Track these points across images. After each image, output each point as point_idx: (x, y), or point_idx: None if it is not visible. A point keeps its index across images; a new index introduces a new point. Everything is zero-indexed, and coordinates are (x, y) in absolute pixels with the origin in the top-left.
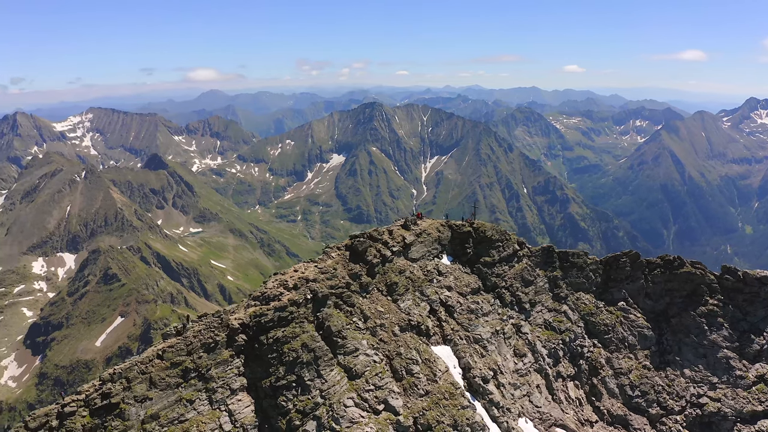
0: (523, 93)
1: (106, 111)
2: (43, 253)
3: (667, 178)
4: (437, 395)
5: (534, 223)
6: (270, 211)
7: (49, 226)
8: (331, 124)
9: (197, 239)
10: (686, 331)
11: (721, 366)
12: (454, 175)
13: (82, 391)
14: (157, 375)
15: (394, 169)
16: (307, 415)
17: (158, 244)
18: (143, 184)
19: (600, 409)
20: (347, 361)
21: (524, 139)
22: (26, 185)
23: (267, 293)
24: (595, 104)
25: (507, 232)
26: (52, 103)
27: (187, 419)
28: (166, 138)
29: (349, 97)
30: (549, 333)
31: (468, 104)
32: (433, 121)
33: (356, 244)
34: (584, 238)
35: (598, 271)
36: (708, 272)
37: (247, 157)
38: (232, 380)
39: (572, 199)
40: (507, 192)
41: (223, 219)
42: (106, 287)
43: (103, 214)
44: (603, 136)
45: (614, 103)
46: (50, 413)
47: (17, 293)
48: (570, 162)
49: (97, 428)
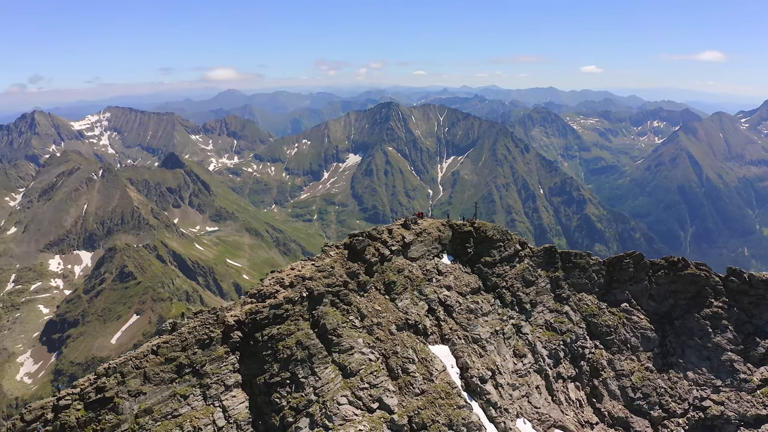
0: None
1: (123, 110)
2: (60, 251)
3: (684, 180)
4: (433, 394)
5: (550, 224)
6: (286, 210)
7: (66, 224)
8: (347, 123)
9: (213, 238)
10: (690, 333)
11: (725, 369)
12: (471, 175)
13: (77, 385)
14: (152, 370)
15: (410, 169)
16: (300, 412)
17: (174, 243)
18: (160, 183)
19: (601, 411)
20: (342, 359)
21: (541, 140)
22: (44, 183)
23: (263, 291)
24: (613, 105)
25: (508, 232)
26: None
27: (180, 414)
28: (183, 137)
29: (366, 97)
30: (550, 334)
31: (485, 104)
32: (450, 121)
33: (355, 243)
34: (601, 240)
35: (601, 272)
36: (713, 274)
37: (263, 157)
38: (227, 376)
39: (589, 200)
40: (523, 192)
41: (239, 218)
42: (122, 285)
43: (119, 212)
44: (620, 137)
45: (632, 104)
46: (46, 406)
47: (34, 290)
48: (587, 163)
49: (91, 421)
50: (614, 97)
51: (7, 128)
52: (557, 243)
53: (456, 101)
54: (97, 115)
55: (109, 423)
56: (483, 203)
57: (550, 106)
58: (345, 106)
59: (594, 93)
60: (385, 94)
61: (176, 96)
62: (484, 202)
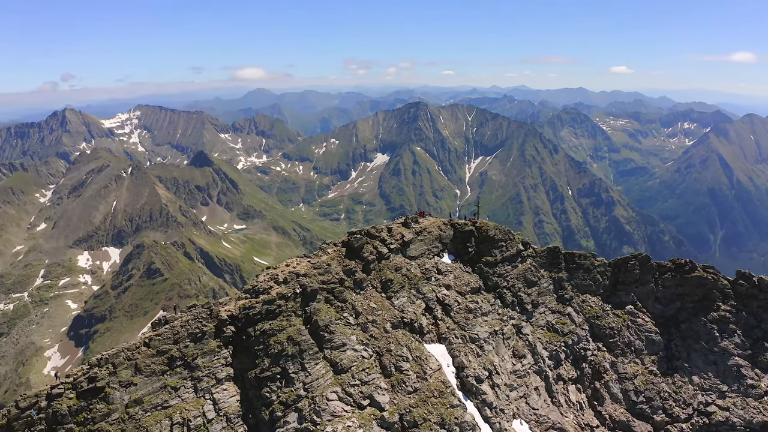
0: (569, 94)
1: (153, 108)
2: (88, 247)
3: (714, 182)
4: (426, 393)
5: (578, 225)
6: (314, 209)
7: (95, 221)
8: (375, 123)
9: (240, 236)
10: (696, 337)
11: (732, 374)
12: (499, 175)
13: (71, 374)
14: (143, 362)
15: (438, 169)
16: (290, 407)
17: (202, 240)
18: (189, 181)
19: (602, 414)
20: (333, 355)
21: (570, 141)
22: (74, 180)
23: (257, 287)
24: (643, 106)
25: (511, 232)
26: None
27: (170, 405)
28: (212, 135)
29: (395, 97)
30: (551, 335)
31: (514, 105)
32: (478, 121)
33: (352, 241)
34: (629, 242)
35: (606, 273)
36: (721, 277)
37: (292, 156)
38: (218, 370)
39: (618, 201)
40: (551, 194)
41: (266, 216)
42: (149, 281)
43: (148, 209)
44: (650, 138)
45: (662, 105)
46: (40, 394)
47: (62, 286)
48: (616, 164)
49: (82, 410)
50: (644, 98)
51: (38, 126)
52: (585, 245)
53: (485, 101)
54: (127, 113)
55: (99, 412)
56: (511, 204)
57: (579, 107)
58: (374, 105)
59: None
60: (413, 94)
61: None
62: (512, 203)
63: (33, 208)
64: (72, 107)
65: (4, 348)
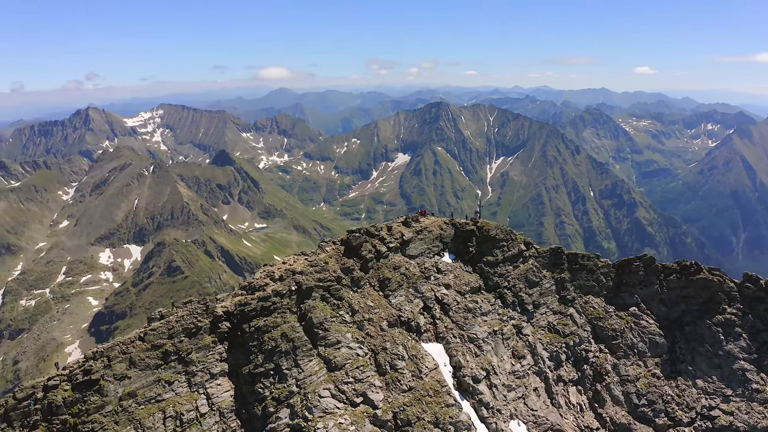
0: (592, 94)
1: (176, 107)
2: (110, 245)
3: (737, 184)
4: (421, 392)
5: (600, 227)
6: (334, 208)
7: (117, 219)
8: (397, 123)
9: (261, 235)
10: (701, 340)
11: (737, 378)
12: (520, 176)
13: (67, 366)
14: (137, 356)
15: (459, 170)
16: (282, 402)
17: (223, 239)
18: (210, 180)
19: (602, 416)
20: (327, 352)
21: (592, 142)
22: (96, 178)
23: (254, 283)
24: (666, 107)
25: (513, 232)
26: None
27: (164, 399)
28: (234, 135)
29: (417, 97)
30: (552, 336)
31: (536, 105)
32: (500, 121)
33: (351, 239)
34: (651, 244)
35: (609, 274)
36: (727, 279)
37: (313, 155)
38: (213, 365)
39: (640, 203)
40: (573, 195)
41: (287, 215)
42: (170, 279)
43: (169, 207)
44: (673, 140)
45: (686, 106)
46: (37, 386)
47: (84, 282)
48: (639, 165)
49: (77, 402)
50: (667, 98)
51: (62, 124)
52: (606, 246)
53: (507, 101)
54: (150, 112)
55: (93, 404)
56: (532, 205)
57: (602, 108)
58: (395, 105)
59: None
60: (435, 94)
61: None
62: (533, 204)
63: (56, 205)
64: (95, 106)
65: (26, 344)
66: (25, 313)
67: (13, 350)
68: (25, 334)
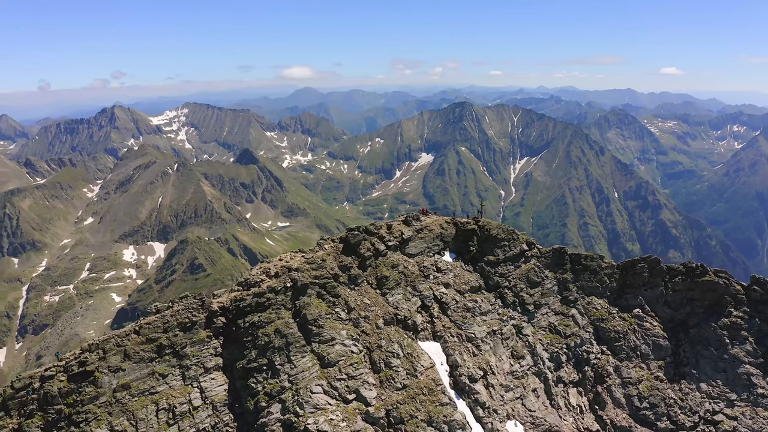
0: (617, 95)
1: (201, 106)
2: (134, 242)
3: (763, 186)
4: (415, 390)
5: (624, 228)
6: (357, 208)
7: (141, 216)
8: (420, 123)
9: (284, 233)
10: (705, 343)
11: (742, 382)
12: (544, 177)
13: (63, 358)
14: (132, 349)
15: (483, 170)
16: (274, 398)
17: (246, 237)
18: (234, 178)
19: (603, 418)
20: (321, 349)
21: (617, 142)
22: (121, 176)
23: (250, 279)
24: (692, 108)
25: (515, 231)
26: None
27: (157, 392)
28: (258, 133)
29: (441, 97)
30: (553, 336)
31: (561, 105)
32: (524, 121)
33: (349, 237)
34: (675, 246)
35: (613, 275)
36: (734, 282)
37: (337, 154)
38: (207, 359)
39: (664, 205)
40: (597, 196)
41: (310, 214)
42: (192, 276)
43: (193, 206)
44: (699, 141)
45: (712, 107)
46: (34, 376)
47: (107, 279)
48: (664, 167)
49: (72, 392)
50: (694, 99)
51: (87, 122)
52: (631, 248)
53: (531, 102)
54: (175, 110)
55: (88, 395)
56: (556, 206)
57: (627, 108)
58: (420, 105)
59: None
60: (460, 94)
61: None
62: (557, 205)
63: (80, 202)
64: (121, 104)
65: (49, 339)
66: (49, 308)
67: (36, 345)
68: (48, 330)
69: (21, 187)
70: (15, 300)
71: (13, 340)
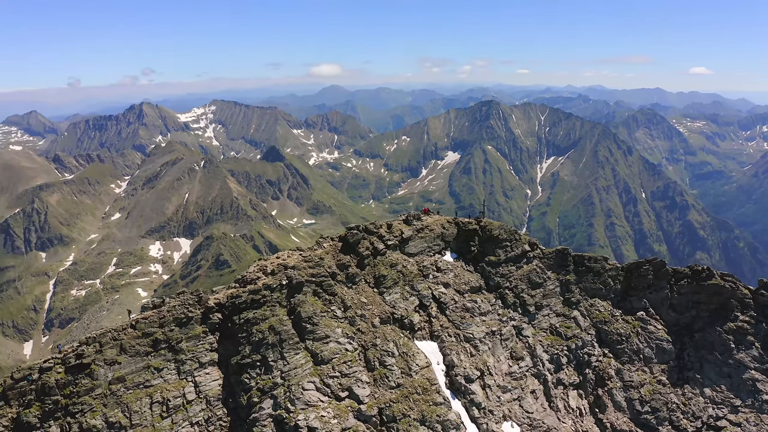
0: (646, 94)
1: (228, 103)
2: (160, 237)
3: None
4: (409, 389)
5: (651, 229)
6: (383, 206)
7: (168, 212)
8: (447, 121)
9: (309, 230)
10: (710, 347)
11: (747, 388)
12: (570, 176)
13: (62, 350)
14: (128, 343)
15: (509, 169)
16: (266, 393)
17: (271, 234)
18: (260, 175)
19: (603, 422)
20: (315, 346)
21: (645, 142)
22: (148, 172)
23: (246, 277)
24: (722, 108)
25: (517, 232)
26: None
27: (152, 385)
28: (285, 131)
29: (468, 95)
30: (553, 338)
31: (589, 104)
32: (551, 120)
33: (348, 236)
34: (702, 248)
35: (618, 277)
36: (741, 286)
37: (363, 152)
38: (202, 354)
39: (692, 206)
40: (624, 196)
41: (335, 212)
42: (217, 272)
43: (219, 202)
44: (728, 141)
45: (741, 108)
46: (33, 367)
47: (134, 274)
48: (692, 167)
49: (69, 384)
50: (723, 99)
51: (116, 118)
52: (657, 249)
53: (559, 101)
54: (202, 107)
55: (84, 387)
56: (582, 206)
57: (656, 108)
58: (447, 103)
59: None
60: (487, 92)
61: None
62: (584, 205)
63: (108, 198)
64: (149, 101)
65: (75, 333)
66: (76, 302)
67: (62, 339)
68: (74, 323)
69: (49, 182)
70: (42, 294)
71: (40, 334)
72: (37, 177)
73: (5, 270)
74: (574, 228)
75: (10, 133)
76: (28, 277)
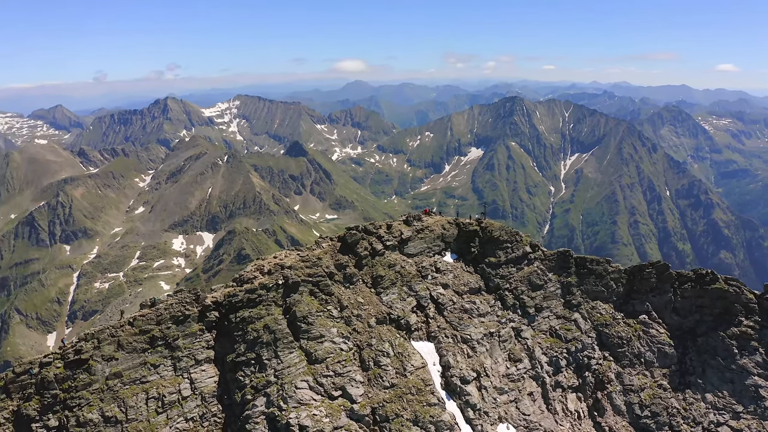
0: (672, 91)
1: (252, 98)
2: (183, 231)
3: None
4: (403, 389)
5: (675, 227)
6: (406, 201)
7: (191, 206)
8: (471, 117)
9: (331, 226)
10: (713, 352)
11: (749, 394)
12: (594, 173)
13: (62, 346)
14: (126, 339)
15: (533, 165)
16: (259, 391)
17: (293, 229)
18: (283, 170)
19: (601, 425)
20: (309, 345)
21: (670, 140)
22: (172, 166)
23: (244, 276)
24: (748, 105)
25: (518, 233)
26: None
27: (148, 381)
28: (308, 126)
29: (493, 91)
30: (553, 340)
31: (614, 101)
32: (575, 117)
33: (347, 236)
34: (727, 247)
35: (620, 280)
36: (746, 290)
37: (386, 148)
38: (198, 352)
39: (717, 204)
40: (648, 194)
41: (358, 207)
42: (239, 267)
43: (242, 197)
44: (754, 140)
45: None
46: (34, 362)
47: (157, 267)
48: (717, 165)
49: (67, 379)
50: (750, 97)
51: (140, 113)
52: (681, 248)
53: (584, 97)
54: (227, 102)
55: (82, 382)
56: (606, 203)
57: (681, 105)
58: (471, 99)
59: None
60: (512, 88)
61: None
62: (607, 202)
63: (132, 192)
64: (174, 96)
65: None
66: (99, 295)
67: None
68: (98, 316)
69: (74, 176)
70: (66, 286)
71: (63, 326)
72: (62, 170)
73: (30, 262)
74: (598, 225)
75: (35, 127)
76: (53, 270)
